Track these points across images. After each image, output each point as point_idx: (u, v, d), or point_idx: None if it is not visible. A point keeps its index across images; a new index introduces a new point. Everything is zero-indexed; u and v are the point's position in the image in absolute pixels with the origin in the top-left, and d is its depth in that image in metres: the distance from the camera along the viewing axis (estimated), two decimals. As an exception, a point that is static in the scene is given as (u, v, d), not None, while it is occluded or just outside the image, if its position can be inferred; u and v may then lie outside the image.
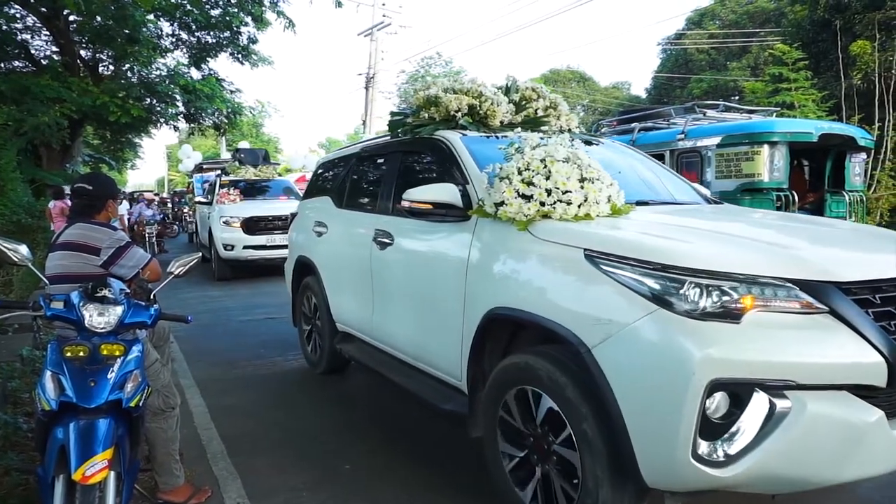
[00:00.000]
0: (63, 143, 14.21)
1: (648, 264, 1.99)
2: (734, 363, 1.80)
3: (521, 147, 2.65)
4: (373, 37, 22.35)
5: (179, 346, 5.43)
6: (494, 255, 2.61)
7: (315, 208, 4.80)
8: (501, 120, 3.41)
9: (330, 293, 4.33)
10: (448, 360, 2.92)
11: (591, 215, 2.45)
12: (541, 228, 2.43)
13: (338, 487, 2.95)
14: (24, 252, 2.30)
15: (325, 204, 4.59)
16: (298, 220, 5.18)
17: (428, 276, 3.10)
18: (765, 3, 28.46)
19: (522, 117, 3.49)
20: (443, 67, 38.95)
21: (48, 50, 14.49)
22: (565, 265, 2.25)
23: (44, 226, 9.80)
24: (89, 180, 2.71)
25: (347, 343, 4.17)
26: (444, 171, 3.18)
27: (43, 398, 2.01)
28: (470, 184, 2.88)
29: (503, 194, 2.51)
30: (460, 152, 3.08)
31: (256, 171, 11.86)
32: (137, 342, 2.26)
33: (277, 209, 10.28)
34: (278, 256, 9.55)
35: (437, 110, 3.38)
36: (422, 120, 3.46)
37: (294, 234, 5.25)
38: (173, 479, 2.73)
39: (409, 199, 2.88)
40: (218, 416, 3.87)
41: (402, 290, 3.39)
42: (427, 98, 3.44)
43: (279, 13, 14.09)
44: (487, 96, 3.36)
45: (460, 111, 3.31)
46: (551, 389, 2.20)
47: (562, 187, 2.44)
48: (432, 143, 3.32)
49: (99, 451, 1.91)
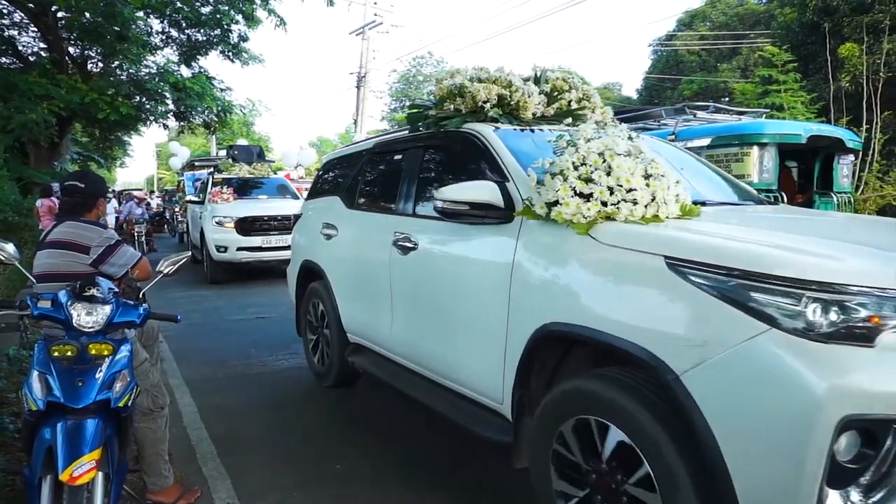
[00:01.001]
0: (51, 140, 14.08)
1: (755, 276, 1.66)
2: (871, 396, 1.50)
3: (573, 140, 2.32)
4: (364, 36, 22.31)
5: (169, 346, 5.40)
6: (547, 263, 2.28)
7: (322, 209, 4.47)
8: (533, 112, 3.12)
9: (340, 301, 4.00)
10: (486, 380, 2.58)
11: (660, 217, 2.15)
12: (605, 232, 2.10)
13: (329, 487, 2.94)
14: (11, 250, 2.28)
15: (334, 204, 4.26)
16: (303, 222, 4.86)
17: (461, 285, 2.75)
18: (755, 5, 28.70)
19: (555, 109, 3.21)
20: (434, 67, 38.96)
21: (36, 46, 14.33)
22: (641, 275, 1.92)
23: (31, 224, 9.71)
24: (80, 178, 2.69)
25: (360, 355, 3.84)
26: (475, 167, 2.89)
27: (30, 398, 1.99)
28: (510, 181, 2.57)
29: (557, 193, 2.18)
30: (496, 147, 2.77)
31: (251, 169, 11.46)
32: (126, 342, 2.24)
33: (273, 209, 9.88)
34: (274, 259, 9.44)
35: (463, 101, 3.08)
36: (446, 112, 3.15)
37: (298, 236, 4.92)
38: (162, 479, 2.72)
39: (443, 198, 2.56)
40: (208, 416, 3.85)
41: (428, 299, 3.04)
42: (452, 88, 3.14)
43: (270, 11, 14.04)
44: (518, 86, 3.08)
45: (489, 102, 3.02)
46: (624, 421, 1.88)
47: (625, 185, 2.13)
48: (460, 136, 3.03)
49: (87, 451, 1.89)
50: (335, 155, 4.91)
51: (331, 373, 4.28)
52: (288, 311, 7.14)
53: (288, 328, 6.25)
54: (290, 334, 5.97)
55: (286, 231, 9.20)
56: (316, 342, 4.54)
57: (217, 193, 10.22)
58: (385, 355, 3.53)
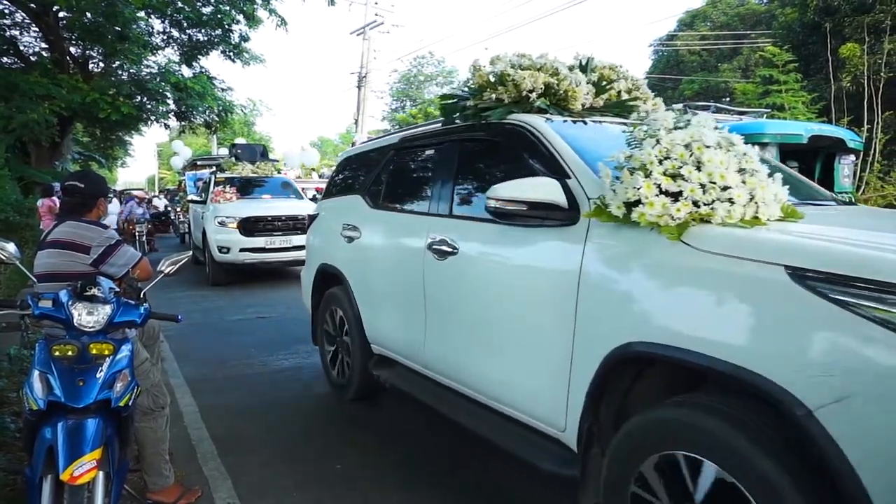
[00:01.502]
0: (52, 140, 14.11)
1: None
2: None
3: (652, 130, 2.04)
4: (365, 35, 22.31)
5: (169, 346, 5.40)
6: (627, 273, 1.97)
7: (342, 209, 4.13)
8: (583, 103, 2.86)
9: (363, 309, 3.70)
10: (545, 405, 2.29)
11: (761, 219, 1.86)
12: (703, 237, 1.79)
13: (329, 487, 2.94)
14: (12, 250, 2.29)
15: (356, 204, 3.93)
16: (319, 223, 4.52)
17: (513, 295, 2.45)
18: (756, 5, 28.68)
19: (603, 100, 2.96)
20: (435, 67, 38.97)
21: (38, 46, 14.35)
22: (756, 289, 1.61)
23: (32, 224, 9.72)
24: (81, 178, 2.69)
25: (386, 368, 3.54)
26: (525, 163, 2.60)
27: (31, 398, 1.99)
28: (572, 178, 2.29)
29: (639, 191, 1.88)
30: (551, 140, 2.49)
31: (254, 168, 11.22)
32: (127, 341, 2.25)
33: (277, 209, 9.61)
34: (278, 260, 9.30)
35: (506, 90, 2.80)
36: (486, 102, 2.87)
37: (314, 238, 4.58)
38: (163, 479, 2.72)
39: (497, 196, 2.25)
40: (208, 416, 3.85)
41: (470, 310, 2.72)
42: (492, 76, 2.85)
43: (271, 11, 14.07)
44: (565, 74, 2.80)
45: (534, 91, 2.74)
46: (724, 456, 1.59)
47: (719, 181, 1.85)
48: (506, 129, 2.75)
49: (87, 451, 1.89)
50: (355, 151, 4.58)
51: (351, 385, 3.96)
52: (287, 311, 7.20)
53: (288, 328, 6.28)
54: (290, 334, 6.00)
55: (290, 231, 9.18)
56: (334, 352, 4.24)
57: (219, 193, 9.99)
58: (416, 370, 3.24)
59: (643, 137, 2.04)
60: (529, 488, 2.89)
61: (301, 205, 9.96)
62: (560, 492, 2.56)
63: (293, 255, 9.15)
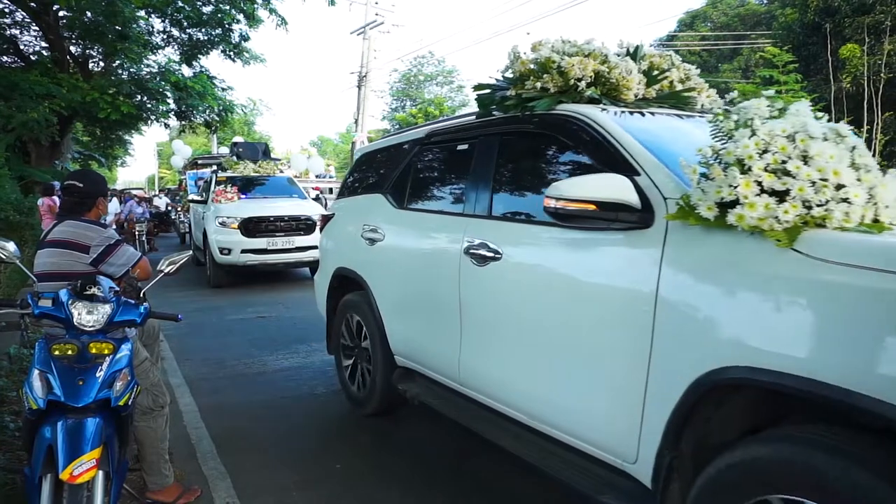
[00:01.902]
0: (52, 139, 14.10)
1: None
2: None
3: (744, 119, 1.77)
4: (365, 35, 22.30)
5: (169, 345, 5.41)
6: (721, 285, 1.68)
7: (362, 209, 3.82)
8: (636, 93, 2.60)
9: (387, 317, 3.42)
10: (610, 432, 2.03)
11: (883, 222, 1.61)
12: (820, 244, 1.52)
13: (329, 486, 2.94)
14: (12, 249, 2.30)
15: (378, 204, 3.65)
16: (335, 224, 4.23)
17: (572, 308, 2.17)
18: (756, 6, 28.72)
19: (656, 91, 2.69)
20: (435, 66, 38.98)
21: (37, 45, 14.35)
22: (893, 307, 1.36)
23: (32, 223, 9.71)
24: (80, 178, 2.69)
25: (412, 382, 3.29)
26: (581, 158, 2.36)
27: (30, 397, 1.99)
28: (642, 175, 2.03)
29: (737, 189, 1.62)
30: (614, 132, 2.21)
31: (256, 167, 10.92)
32: (127, 341, 2.25)
33: (279, 209, 9.38)
34: (280, 262, 9.14)
35: (551, 78, 2.52)
36: (529, 92, 2.59)
37: (329, 240, 4.29)
38: (162, 478, 2.72)
39: (558, 195, 1.98)
40: (208, 416, 3.85)
41: (517, 323, 2.44)
42: (536, 63, 2.59)
43: (271, 11, 14.08)
44: (616, 62, 2.56)
45: (583, 80, 2.49)
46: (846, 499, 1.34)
47: (832, 178, 1.59)
48: (556, 121, 2.47)
49: (87, 450, 1.89)
50: (375, 147, 4.26)
51: (372, 399, 3.67)
52: (287, 311, 7.21)
53: (287, 328, 6.28)
54: (290, 334, 6.00)
55: (293, 232, 9.08)
56: (353, 363, 3.94)
57: (220, 193, 9.74)
58: (447, 385, 2.98)
59: (733, 128, 1.76)
60: (530, 490, 2.89)
61: (304, 205, 9.83)
62: (562, 493, 2.56)
63: (296, 257, 9.11)
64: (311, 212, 9.39)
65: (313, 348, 5.46)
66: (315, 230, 9.03)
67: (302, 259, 9.20)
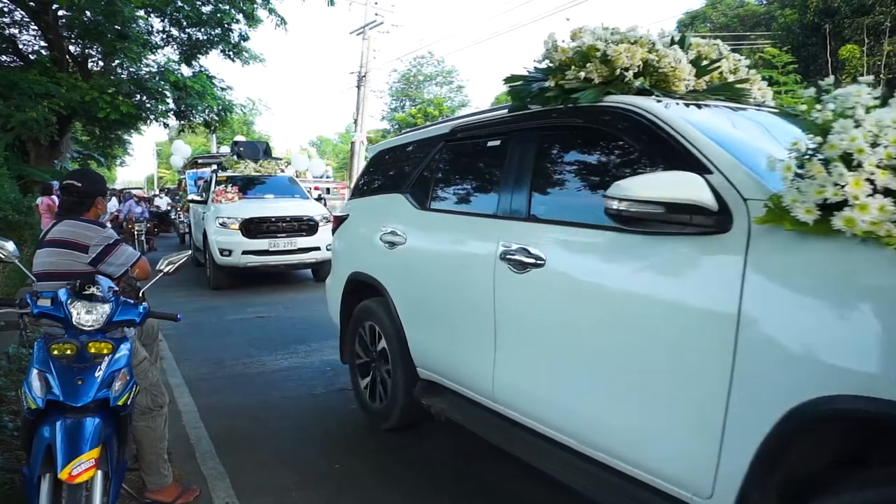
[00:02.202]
0: (51, 139, 14.11)
1: None
2: None
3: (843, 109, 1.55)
4: (365, 35, 22.30)
5: (168, 345, 5.40)
6: (823, 302, 1.47)
7: (379, 210, 3.60)
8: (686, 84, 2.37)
9: (409, 326, 3.20)
10: (680, 464, 1.80)
11: None
12: None
13: (328, 487, 2.94)
14: (11, 248, 2.30)
15: (397, 204, 3.42)
16: (349, 227, 3.99)
17: (633, 322, 1.92)
18: (755, 6, 28.74)
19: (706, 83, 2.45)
20: (435, 67, 39.00)
21: (37, 45, 14.37)
22: None
23: (31, 222, 9.71)
24: (79, 177, 2.68)
25: (437, 396, 3.06)
26: (637, 154, 2.11)
27: (29, 396, 1.99)
28: (715, 174, 1.79)
29: (846, 189, 1.43)
30: (678, 127, 1.98)
31: (257, 167, 10.76)
32: (126, 340, 2.25)
33: (281, 209, 9.22)
34: (282, 263, 9.00)
35: (595, 68, 2.31)
36: (572, 82, 2.37)
37: (343, 243, 4.06)
38: (161, 478, 2.72)
39: (622, 195, 1.75)
40: (207, 416, 3.85)
41: (564, 337, 2.20)
42: (577, 52, 2.36)
43: (271, 10, 14.11)
44: (665, 51, 2.33)
45: (631, 69, 2.28)
46: None
47: None
48: (607, 114, 2.23)
49: (86, 450, 1.89)
50: (391, 144, 4.01)
51: (392, 414, 3.42)
52: (286, 311, 7.21)
53: (287, 328, 6.28)
54: (289, 334, 6.00)
55: (295, 233, 8.95)
56: (369, 374, 3.71)
57: (221, 192, 9.53)
58: (477, 401, 2.74)
59: (831, 119, 1.54)
60: (532, 492, 2.89)
61: (307, 205, 9.68)
62: (568, 496, 2.56)
63: (298, 258, 9.00)
64: (313, 212, 9.27)
65: (312, 348, 5.46)
66: (318, 231, 8.99)
67: (304, 260, 9.10)
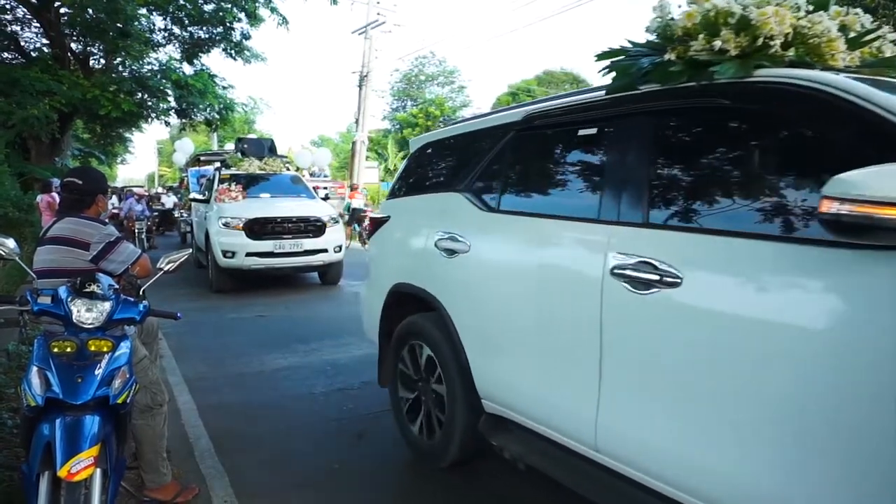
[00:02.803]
0: (52, 136, 14.14)
1: None
2: None
3: None
4: (367, 35, 22.29)
5: (168, 343, 5.40)
6: None
7: (432, 212, 3.11)
8: (843, 58, 1.96)
9: (472, 350, 2.70)
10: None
11: None
12: None
13: (327, 486, 2.94)
14: (12, 246, 2.30)
15: (455, 205, 2.93)
16: (390, 230, 3.50)
17: (823, 379, 1.46)
18: (757, 8, 28.66)
19: (860, 59, 2.03)
20: (436, 67, 39.00)
21: (39, 42, 14.41)
22: None
23: (32, 220, 9.73)
24: (79, 175, 2.68)
25: (508, 435, 2.55)
26: (826, 146, 1.64)
27: (29, 394, 1.99)
28: None
29: None
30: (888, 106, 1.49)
31: (262, 164, 10.33)
32: (126, 338, 2.24)
33: (287, 209, 8.83)
34: (288, 266, 8.67)
35: (731, 37, 1.88)
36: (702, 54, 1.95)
37: (382, 249, 3.57)
38: (160, 476, 2.71)
39: (855, 194, 1.30)
40: (206, 414, 3.84)
41: (708, 382, 1.72)
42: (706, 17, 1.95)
43: (273, 9, 14.14)
44: (816, 17, 1.92)
45: (777, 38, 1.86)
46: None
47: None
48: (777, 93, 1.74)
49: (85, 447, 1.89)
50: (442, 135, 3.44)
51: (448, 451, 2.90)
52: (286, 311, 7.21)
53: (287, 328, 6.28)
54: (289, 333, 6.00)
55: (301, 234, 8.58)
56: (415, 401, 3.19)
57: (224, 191, 9.11)
58: (573, 449, 2.21)
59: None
60: (534, 495, 2.88)
61: (313, 205, 9.32)
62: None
63: (304, 261, 8.67)
64: (320, 212, 8.94)
65: (312, 348, 5.46)
66: (325, 232, 8.70)
67: (311, 263, 8.78)
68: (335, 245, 8.82)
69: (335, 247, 8.80)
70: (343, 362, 5.02)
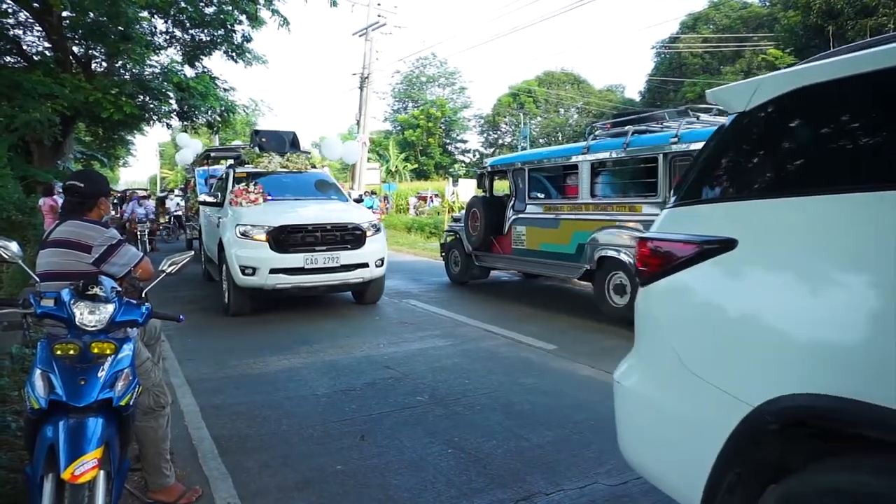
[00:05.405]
0: (55, 139, 14.16)
1: None
2: None
3: None
4: (367, 37, 22.31)
5: (170, 345, 5.41)
6: None
7: (842, 233, 1.36)
8: None
9: None
10: None
11: None
12: None
13: (329, 488, 2.94)
14: (15, 249, 2.31)
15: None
16: (739, 273, 1.63)
17: None
18: (758, 7, 28.71)
19: None
20: (437, 68, 39.03)
21: (40, 46, 14.43)
22: None
23: (35, 223, 9.75)
24: (81, 178, 2.69)
25: None
26: None
27: (32, 396, 1.99)
28: None
29: None
30: None
31: (283, 161, 8.49)
32: (128, 340, 2.25)
33: (320, 215, 7.15)
34: (321, 284, 6.93)
35: None
36: None
37: (701, 318, 1.72)
38: (163, 478, 2.72)
39: None
40: (209, 416, 3.85)
41: None
42: None
43: (274, 11, 14.16)
44: None
45: None
46: None
47: None
48: None
49: (88, 450, 1.89)
50: (812, 78, 1.61)
51: None
52: (287, 312, 7.20)
53: (289, 328, 6.28)
54: (292, 335, 6.00)
55: (338, 246, 6.93)
56: None
57: (241, 193, 7.40)
58: None
59: None
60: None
61: (350, 209, 7.61)
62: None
63: (341, 278, 6.97)
64: (359, 219, 7.25)
65: (314, 349, 5.47)
66: (365, 242, 7.06)
67: (348, 280, 7.07)
68: (377, 258, 7.17)
69: (377, 260, 7.17)
70: (345, 363, 5.02)
